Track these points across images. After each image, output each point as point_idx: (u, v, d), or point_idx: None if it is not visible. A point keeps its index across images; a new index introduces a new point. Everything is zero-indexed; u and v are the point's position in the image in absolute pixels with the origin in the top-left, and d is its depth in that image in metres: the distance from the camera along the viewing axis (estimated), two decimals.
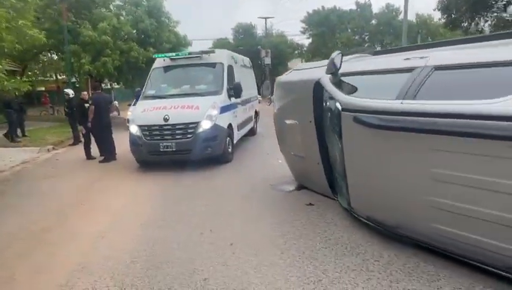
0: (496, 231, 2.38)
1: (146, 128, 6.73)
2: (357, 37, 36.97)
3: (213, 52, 7.94)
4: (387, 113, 2.85)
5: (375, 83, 3.48)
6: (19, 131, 11.78)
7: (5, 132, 11.22)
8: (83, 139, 8.69)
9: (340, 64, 3.59)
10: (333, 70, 3.65)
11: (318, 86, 3.94)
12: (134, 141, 6.89)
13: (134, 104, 9.15)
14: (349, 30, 37.22)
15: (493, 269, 2.51)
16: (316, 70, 4.28)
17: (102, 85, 24.84)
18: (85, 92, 9.47)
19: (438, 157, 2.59)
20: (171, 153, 6.63)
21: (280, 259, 3.10)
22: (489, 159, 2.30)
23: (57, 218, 4.52)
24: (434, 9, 13.86)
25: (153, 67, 8.28)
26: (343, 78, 3.70)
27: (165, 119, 6.58)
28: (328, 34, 35.73)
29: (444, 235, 2.74)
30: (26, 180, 6.87)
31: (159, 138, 6.67)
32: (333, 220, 3.88)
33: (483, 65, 2.62)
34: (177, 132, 6.59)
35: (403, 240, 3.12)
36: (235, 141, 7.82)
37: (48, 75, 25.18)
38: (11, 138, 11.02)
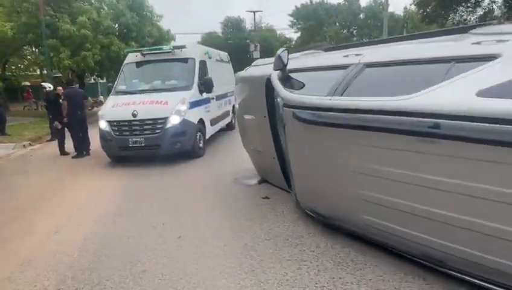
0: (411, 221, 2.51)
1: (115, 123, 6.75)
2: (345, 31, 37.11)
3: (184, 47, 7.95)
4: (318, 109, 2.96)
5: (316, 79, 3.56)
6: None
7: None
8: None
9: (287, 60, 3.67)
10: (280, 67, 3.73)
11: (269, 82, 4.02)
12: (103, 137, 6.92)
13: None
14: (337, 24, 37.38)
15: (412, 257, 2.66)
16: (271, 66, 4.37)
17: (87, 80, 24.71)
18: (60, 88, 9.40)
19: (361, 151, 2.71)
20: (140, 149, 6.69)
21: (221, 251, 3.21)
22: (402, 154, 2.42)
23: (16, 213, 4.54)
24: (411, 5, 13.98)
25: (124, 62, 8.29)
26: (291, 74, 3.79)
27: (134, 115, 6.61)
28: (316, 28, 35.79)
29: (372, 226, 2.87)
30: None
31: (127, 133, 6.70)
32: (283, 213, 4.00)
33: (406, 62, 2.73)
34: (146, 127, 6.64)
35: (344, 232, 3.25)
36: (207, 136, 7.88)
37: (31, 69, 24.80)
38: None
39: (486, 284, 2.24)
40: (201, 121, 7.42)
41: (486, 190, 2.04)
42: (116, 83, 7.95)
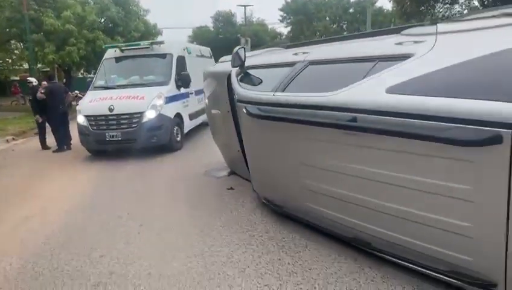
0: (343, 207, 2.74)
1: (92, 118, 6.90)
2: (334, 26, 37.24)
3: (162, 43, 8.09)
4: (263, 104, 3.16)
5: (270, 75, 3.75)
6: None
7: None
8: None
9: (244, 57, 3.86)
10: (238, 64, 3.92)
11: (229, 78, 4.21)
12: (81, 131, 7.07)
13: None
14: (328, 18, 37.50)
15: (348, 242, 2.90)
16: None
17: (75, 75, 24.60)
18: (45, 82, 9.44)
19: (299, 143, 2.93)
20: (117, 143, 6.85)
21: (177, 237, 3.42)
22: (331, 146, 2.64)
23: None
24: (389, 1, 14.23)
25: (103, 58, 8.39)
26: (249, 71, 3.97)
27: (110, 110, 6.76)
28: (306, 22, 35.87)
29: (312, 213, 3.10)
30: None
31: (104, 127, 6.85)
32: (244, 202, 4.20)
33: (340, 61, 2.95)
34: (122, 121, 6.79)
35: (296, 220, 3.47)
36: (186, 131, 8.05)
37: (18, 64, 24.58)
38: None
39: (406, 264, 2.49)
40: (178, 115, 7.58)
41: (397, 178, 2.27)
42: (94, 78, 8.07)
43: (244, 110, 3.44)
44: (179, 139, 7.49)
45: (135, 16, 18.23)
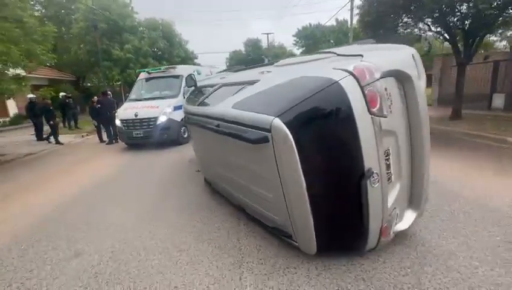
0: (225, 180, 3.09)
1: (124, 121, 7.65)
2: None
3: (175, 67, 8.67)
4: (190, 114, 3.55)
5: (205, 93, 4.10)
6: (73, 123, 13.15)
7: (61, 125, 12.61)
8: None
9: (195, 80, 4.29)
10: (192, 84, 4.34)
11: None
12: (119, 130, 7.88)
13: None
14: (332, 42, 36.53)
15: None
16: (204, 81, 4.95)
17: None
18: (95, 97, 10.18)
19: (202, 139, 3.31)
20: (140, 138, 7.56)
21: (132, 209, 3.67)
22: (212, 141, 2.96)
23: (37, 179, 5.51)
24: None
25: (137, 79, 9.14)
26: (202, 89, 4.34)
27: (135, 115, 7.46)
28: (313, 46, 35.18)
29: (220, 187, 3.48)
30: (50, 156, 7.99)
31: (132, 128, 7.58)
32: (200, 182, 4.52)
33: (232, 84, 3.23)
34: (143, 123, 7.47)
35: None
36: None
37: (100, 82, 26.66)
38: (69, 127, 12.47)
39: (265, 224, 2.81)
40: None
41: (239, 164, 2.61)
42: (130, 93, 8.85)
43: (185, 118, 3.88)
44: (185, 136, 8.04)
45: (178, 45, 19.15)
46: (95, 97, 9.41)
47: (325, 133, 1.95)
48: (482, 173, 4.36)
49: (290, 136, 1.87)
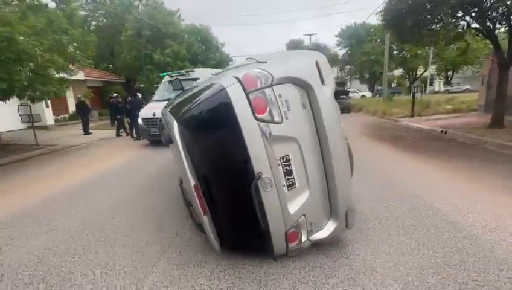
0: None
1: (144, 120, 8.47)
2: (382, 47, 33.77)
3: (193, 71, 9.25)
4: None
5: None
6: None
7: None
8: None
9: (182, 84, 4.65)
10: (178, 88, 4.71)
11: None
12: (141, 128, 8.74)
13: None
14: (379, 40, 34.29)
15: None
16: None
17: None
18: (114, 94, 11.39)
19: None
20: (156, 136, 8.25)
21: (156, 174, 4.42)
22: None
23: (71, 165, 6.49)
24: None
25: (162, 81, 9.97)
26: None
27: (153, 115, 8.20)
28: (356, 46, 33.51)
29: None
30: (85, 148, 9.23)
31: (150, 126, 8.35)
32: None
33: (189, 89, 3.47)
34: (159, 122, 8.15)
35: None
36: None
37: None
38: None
39: None
40: None
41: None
42: (154, 95, 9.72)
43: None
44: None
45: (214, 49, 20.16)
46: (114, 94, 10.60)
47: (213, 136, 2.07)
48: (476, 188, 3.87)
49: (178, 137, 2.03)
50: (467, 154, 5.78)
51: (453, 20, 7.87)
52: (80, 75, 15.86)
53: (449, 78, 37.20)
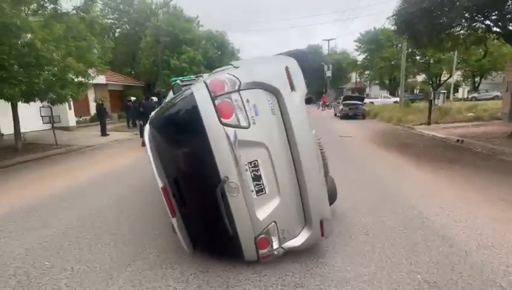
0: None
1: None
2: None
3: (202, 76, 9.42)
4: None
5: None
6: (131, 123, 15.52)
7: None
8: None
9: (181, 89, 4.75)
10: (178, 90, 4.82)
11: None
12: None
13: None
14: (400, 45, 33.25)
15: None
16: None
17: None
18: (131, 98, 11.78)
19: None
20: None
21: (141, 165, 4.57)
22: None
23: (79, 165, 6.81)
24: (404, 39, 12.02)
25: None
26: None
27: None
28: (376, 51, 32.69)
29: None
30: (99, 149, 9.65)
31: None
32: None
33: None
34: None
35: None
36: None
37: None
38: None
39: None
40: None
41: None
42: (165, 98, 10.03)
43: None
44: None
45: (229, 54, 20.49)
46: (131, 97, 11.00)
47: (180, 140, 2.10)
48: (480, 201, 3.63)
49: (147, 139, 2.09)
50: (479, 165, 5.44)
51: (474, 24, 7.48)
52: (102, 79, 16.71)
53: (476, 85, 35.28)
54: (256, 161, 2.10)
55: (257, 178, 2.12)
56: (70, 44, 8.08)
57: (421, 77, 37.29)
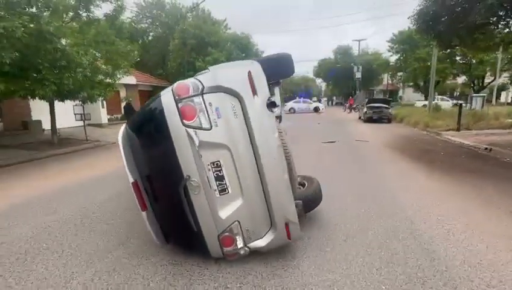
0: None
1: None
2: (440, 53, 30.48)
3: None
4: None
5: None
6: None
7: None
8: None
9: None
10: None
11: None
12: None
13: None
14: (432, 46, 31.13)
15: None
16: None
17: None
18: None
19: None
20: None
21: None
22: None
23: (101, 159, 7.38)
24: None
25: None
26: None
27: None
28: (409, 51, 30.90)
29: None
30: (102, 149, 10.29)
31: None
32: None
33: None
34: None
35: None
36: None
37: None
38: None
39: None
40: None
41: None
42: None
43: None
44: None
45: (253, 56, 20.72)
46: None
47: (149, 139, 2.25)
48: (487, 215, 3.37)
49: (120, 140, 2.27)
50: (501, 177, 4.97)
51: (503, 22, 6.85)
52: (132, 80, 17.82)
53: None
54: (219, 161, 2.18)
55: (220, 178, 2.20)
56: (101, 48, 8.81)
57: (461, 79, 34.52)
